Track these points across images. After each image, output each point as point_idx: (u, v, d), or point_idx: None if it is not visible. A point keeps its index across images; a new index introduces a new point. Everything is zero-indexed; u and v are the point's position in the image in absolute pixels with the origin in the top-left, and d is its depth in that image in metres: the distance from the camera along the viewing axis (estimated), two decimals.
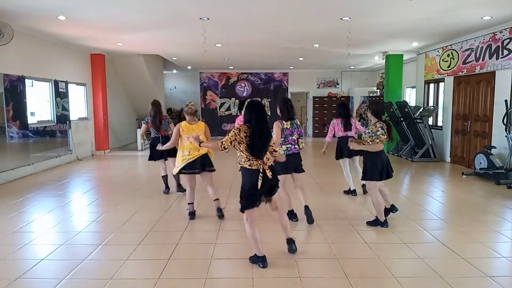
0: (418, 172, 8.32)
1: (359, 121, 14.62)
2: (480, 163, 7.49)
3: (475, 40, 8.32)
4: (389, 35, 8.53)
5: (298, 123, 4.69)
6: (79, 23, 7.29)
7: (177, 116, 15.88)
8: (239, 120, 5.41)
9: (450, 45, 9.22)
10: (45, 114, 8.98)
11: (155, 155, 6.21)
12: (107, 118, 11.38)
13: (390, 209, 4.77)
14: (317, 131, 16.12)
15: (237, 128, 3.46)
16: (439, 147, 9.69)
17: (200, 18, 6.85)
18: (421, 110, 10.04)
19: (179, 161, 4.80)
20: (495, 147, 7.48)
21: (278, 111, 4.68)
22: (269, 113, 16.41)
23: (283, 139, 4.51)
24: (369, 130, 4.43)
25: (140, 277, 3.37)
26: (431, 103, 10.60)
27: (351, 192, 6.12)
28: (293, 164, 4.57)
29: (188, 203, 4.96)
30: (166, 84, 16.41)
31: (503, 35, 7.43)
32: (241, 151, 3.43)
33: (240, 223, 4.73)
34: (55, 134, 9.25)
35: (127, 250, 3.91)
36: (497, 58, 7.63)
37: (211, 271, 3.45)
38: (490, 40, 7.82)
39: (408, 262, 3.68)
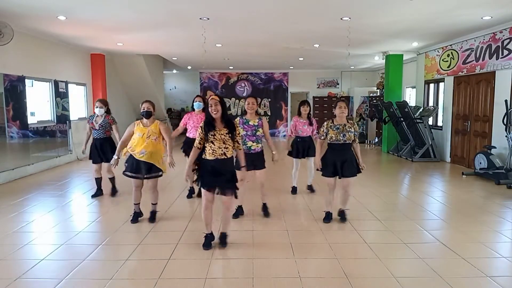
0: (418, 172, 8.31)
1: (358, 121, 14.72)
2: (480, 163, 7.49)
3: (475, 40, 8.32)
4: (389, 35, 8.53)
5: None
6: (79, 23, 7.28)
7: (177, 116, 15.91)
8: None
9: (450, 45, 9.22)
10: (45, 114, 8.98)
11: (94, 156, 5.92)
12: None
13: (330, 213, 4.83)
14: (317, 131, 16.09)
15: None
16: (439, 147, 9.69)
17: (200, 18, 6.85)
18: (421, 110, 10.04)
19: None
20: (495, 147, 7.48)
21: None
22: (269, 113, 16.45)
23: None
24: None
25: (140, 277, 3.37)
26: (431, 103, 10.60)
27: (293, 190, 6.23)
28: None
29: (134, 204, 4.82)
30: (166, 84, 16.41)
31: (503, 35, 7.43)
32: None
33: (240, 223, 4.74)
34: (55, 134, 9.25)
35: (127, 250, 3.91)
36: (497, 58, 7.63)
37: (211, 271, 3.45)
38: (490, 40, 7.82)
39: (408, 262, 3.67)
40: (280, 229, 4.57)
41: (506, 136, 7.05)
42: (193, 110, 5.85)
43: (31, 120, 8.32)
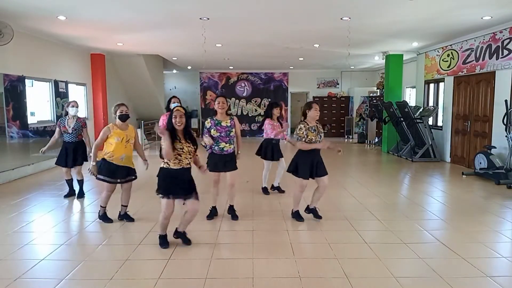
0: (418, 172, 8.31)
1: (358, 121, 14.73)
2: (480, 163, 7.49)
3: (475, 40, 8.32)
4: (389, 35, 8.53)
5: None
6: (79, 23, 7.29)
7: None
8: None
9: (450, 45, 9.22)
10: (45, 114, 8.99)
11: (65, 161, 5.83)
12: (107, 118, 11.38)
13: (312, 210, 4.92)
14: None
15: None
16: (439, 147, 9.69)
17: (200, 18, 6.86)
18: (421, 110, 10.04)
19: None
20: (495, 147, 7.48)
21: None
22: None
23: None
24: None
25: (140, 277, 3.37)
26: (431, 103, 10.60)
27: (264, 190, 6.24)
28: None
29: (103, 206, 4.83)
30: (166, 84, 16.41)
31: (503, 35, 7.43)
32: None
33: (240, 223, 4.74)
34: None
35: (127, 250, 3.91)
36: (497, 58, 7.63)
37: (211, 271, 3.45)
38: (490, 40, 7.82)
39: (408, 262, 3.67)
40: (280, 229, 4.57)
41: (506, 136, 7.05)
42: (169, 110, 5.86)
43: (31, 120, 8.33)
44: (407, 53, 10.97)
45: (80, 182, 6.04)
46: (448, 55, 9.37)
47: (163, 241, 4.01)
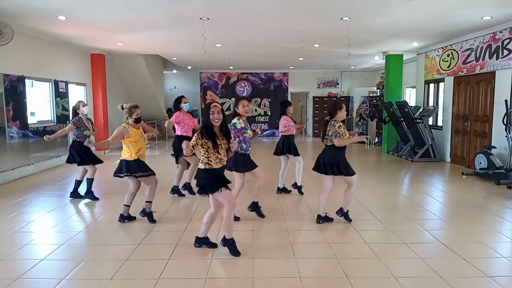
0: (418, 172, 8.31)
1: (358, 121, 14.73)
2: (480, 163, 7.49)
3: (475, 40, 8.32)
4: (389, 35, 8.53)
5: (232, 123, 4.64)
6: (79, 23, 7.29)
7: None
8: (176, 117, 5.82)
9: (450, 45, 9.22)
10: (45, 114, 8.98)
11: (69, 158, 5.85)
12: (107, 118, 11.38)
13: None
14: (317, 131, 16.13)
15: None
16: (439, 147, 9.70)
17: (200, 18, 6.86)
18: (421, 110, 10.04)
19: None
20: (495, 147, 7.48)
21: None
22: (269, 113, 16.45)
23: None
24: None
25: (140, 277, 3.37)
26: (431, 103, 10.60)
27: (284, 190, 6.22)
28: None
29: (126, 205, 4.82)
30: (166, 84, 16.40)
31: (503, 35, 7.43)
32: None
33: (240, 223, 4.74)
34: None
35: (127, 250, 3.91)
36: (497, 58, 7.63)
37: (211, 271, 3.45)
38: (490, 40, 7.82)
39: (408, 262, 3.67)
40: (280, 229, 4.57)
41: (506, 136, 7.05)
42: (178, 110, 5.89)
43: (31, 120, 8.32)
44: (407, 53, 10.97)
45: (90, 181, 6.03)
46: (448, 55, 9.38)
47: (235, 249, 3.77)
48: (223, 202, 3.70)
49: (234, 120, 4.59)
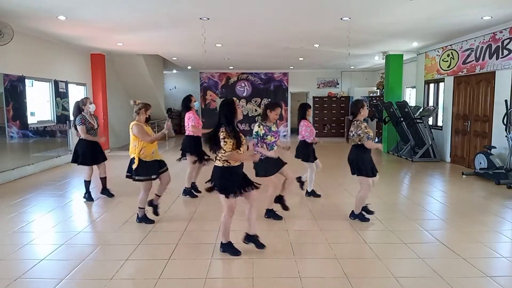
0: (418, 172, 8.31)
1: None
2: (480, 163, 7.49)
3: (475, 40, 8.32)
4: (389, 35, 8.53)
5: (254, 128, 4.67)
6: (79, 23, 7.28)
7: (178, 116, 15.92)
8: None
9: (450, 45, 9.22)
10: (45, 114, 8.98)
11: (91, 159, 5.79)
12: (107, 118, 11.38)
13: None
14: (317, 131, 16.03)
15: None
16: (439, 147, 9.69)
17: (200, 18, 6.85)
18: (421, 110, 10.04)
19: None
20: (495, 147, 7.48)
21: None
22: None
23: None
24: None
25: (140, 277, 3.37)
26: (431, 103, 10.60)
27: (313, 193, 6.13)
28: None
29: (141, 208, 4.78)
30: (166, 84, 16.42)
31: (503, 35, 7.43)
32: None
33: (240, 224, 4.73)
34: (55, 134, 9.25)
35: (127, 250, 3.91)
36: (497, 58, 7.63)
37: (211, 271, 3.45)
38: (490, 40, 7.82)
39: (408, 262, 3.68)
40: (280, 229, 4.57)
41: (506, 136, 7.05)
42: (187, 109, 5.88)
43: (31, 120, 8.32)
44: (407, 53, 10.97)
45: (104, 180, 6.02)
46: (448, 55, 9.37)
47: (233, 250, 3.76)
48: (223, 207, 3.65)
49: (256, 129, 4.56)
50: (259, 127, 4.55)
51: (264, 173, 4.59)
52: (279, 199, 4.99)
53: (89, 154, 5.73)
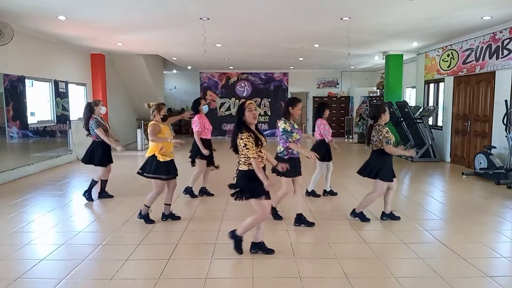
0: (418, 172, 8.32)
1: (358, 121, 14.72)
2: (480, 163, 7.49)
3: (475, 40, 8.32)
4: (389, 35, 8.53)
5: (279, 125, 4.50)
6: (79, 23, 7.29)
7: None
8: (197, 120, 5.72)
9: (450, 45, 9.22)
10: (45, 114, 8.98)
11: (102, 160, 5.79)
12: (107, 118, 11.37)
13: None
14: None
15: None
16: (439, 147, 9.69)
17: (200, 18, 6.86)
18: (421, 110, 10.04)
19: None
20: (495, 147, 7.48)
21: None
22: (269, 113, 16.44)
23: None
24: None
25: (140, 277, 3.37)
26: (431, 103, 10.60)
27: (330, 193, 6.14)
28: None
29: (147, 206, 4.77)
30: (166, 84, 16.41)
31: (503, 35, 7.43)
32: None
33: (240, 224, 4.73)
34: (55, 134, 9.25)
35: (127, 250, 3.91)
36: (497, 58, 7.63)
37: (211, 271, 3.45)
38: (490, 40, 7.82)
39: (408, 262, 3.68)
40: (280, 229, 4.57)
41: (506, 136, 7.05)
42: (196, 112, 5.85)
43: (31, 120, 8.32)
44: (407, 53, 10.98)
45: (105, 182, 6.02)
46: (448, 55, 9.37)
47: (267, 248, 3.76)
48: (258, 210, 3.55)
49: (282, 125, 4.41)
50: (285, 123, 4.40)
51: (283, 173, 4.39)
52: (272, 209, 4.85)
53: (105, 154, 5.80)
